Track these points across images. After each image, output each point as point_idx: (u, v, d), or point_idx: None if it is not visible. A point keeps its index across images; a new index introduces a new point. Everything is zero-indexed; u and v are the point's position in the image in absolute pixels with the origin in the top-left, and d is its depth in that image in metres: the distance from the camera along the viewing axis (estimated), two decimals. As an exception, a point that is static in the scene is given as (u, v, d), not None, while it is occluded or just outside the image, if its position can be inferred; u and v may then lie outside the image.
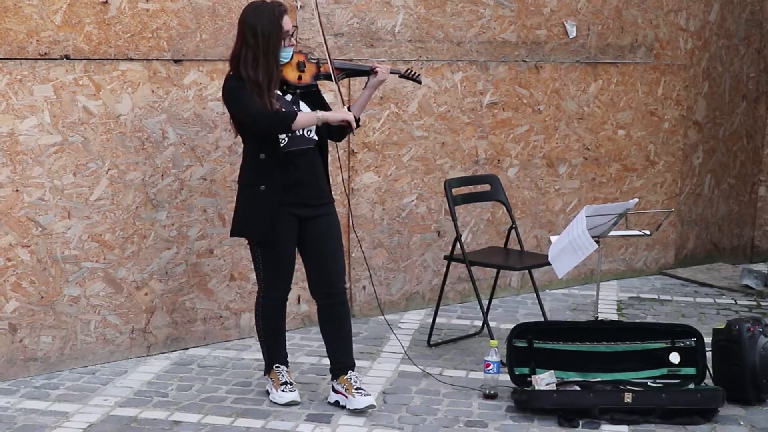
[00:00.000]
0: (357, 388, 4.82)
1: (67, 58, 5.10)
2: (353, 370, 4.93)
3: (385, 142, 6.28)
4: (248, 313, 5.85)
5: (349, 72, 5.03)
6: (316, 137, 4.82)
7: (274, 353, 5.02)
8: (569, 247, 5.02)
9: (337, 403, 4.89)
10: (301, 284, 5.60)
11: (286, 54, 4.69)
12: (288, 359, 5.10)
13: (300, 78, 4.76)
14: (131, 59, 5.28)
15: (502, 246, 6.18)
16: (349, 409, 4.81)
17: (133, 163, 5.35)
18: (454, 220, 5.80)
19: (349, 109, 4.81)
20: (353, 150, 6.16)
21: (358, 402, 4.78)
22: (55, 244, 5.16)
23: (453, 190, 5.93)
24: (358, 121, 4.85)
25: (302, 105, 4.78)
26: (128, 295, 5.43)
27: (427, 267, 6.62)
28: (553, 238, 5.24)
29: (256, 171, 4.73)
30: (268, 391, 5.01)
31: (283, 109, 4.66)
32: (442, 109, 6.52)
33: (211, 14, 5.53)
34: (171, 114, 5.44)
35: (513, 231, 6.01)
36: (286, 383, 4.93)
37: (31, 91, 5.00)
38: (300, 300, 6.03)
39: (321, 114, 4.68)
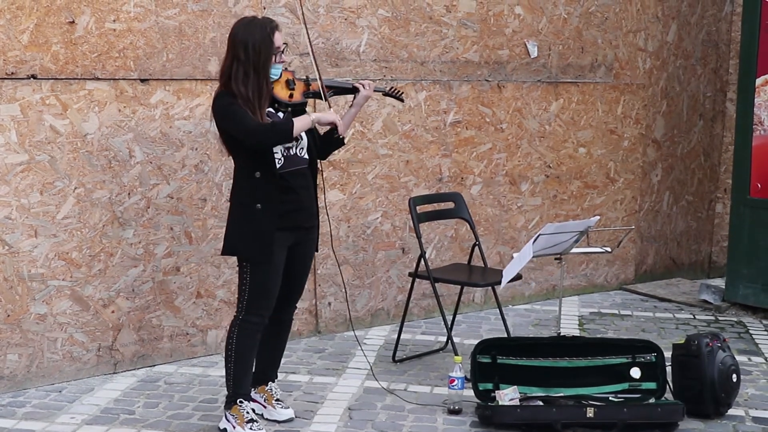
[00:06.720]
0: (277, 400, 4.95)
1: (34, 77, 5.11)
2: (274, 382, 5.02)
3: (350, 161, 6.33)
4: (215, 330, 5.87)
5: (337, 90, 4.97)
6: (307, 156, 4.75)
7: (241, 384, 4.73)
8: (516, 258, 5.16)
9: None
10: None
11: (275, 71, 4.62)
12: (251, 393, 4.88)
13: (291, 96, 4.69)
14: (98, 79, 5.31)
15: (466, 262, 6.25)
16: (268, 419, 4.90)
17: (100, 182, 5.37)
18: (419, 237, 5.86)
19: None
20: (318, 168, 6.19)
21: (279, 414, 4.91)
22: (21, 262, 5.17)
23: (417, 207, 5.99)
24: (343, 139, 4.89)
25: None
26: (95, 313, 5.44)
27: (392, 283, 6.67)
28: (516, 255, 5.32)
29: (252, 189, 4.58)
30: (225, 429, 4.72)
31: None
32: (407, 127, 6.59)
33: (178, 34, 5.56)
34: (138, 133, 5.46)
35: (476, 248, 6.08)
36: (252, 420, 4.69)
37: (-2, 110, 5.02)
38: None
39: (315, 115, 4.63)
